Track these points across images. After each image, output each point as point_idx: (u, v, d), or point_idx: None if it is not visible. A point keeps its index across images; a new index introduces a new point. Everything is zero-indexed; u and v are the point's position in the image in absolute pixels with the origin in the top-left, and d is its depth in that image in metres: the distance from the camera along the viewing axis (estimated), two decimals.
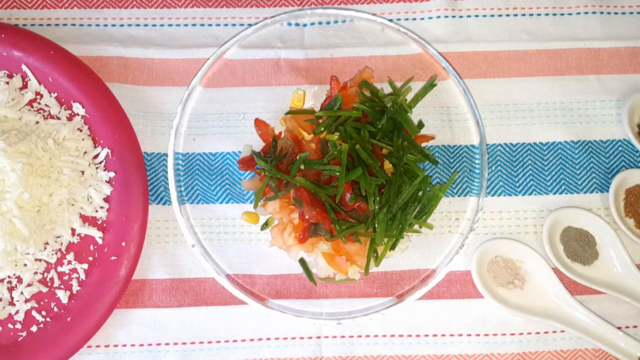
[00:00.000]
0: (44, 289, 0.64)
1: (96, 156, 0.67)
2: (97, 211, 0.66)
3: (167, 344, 0.65)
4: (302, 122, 0.66)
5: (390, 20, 0.68)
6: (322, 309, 0.64)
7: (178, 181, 0.65)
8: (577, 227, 0.67)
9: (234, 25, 0.72)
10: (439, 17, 0.73)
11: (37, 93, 0.68)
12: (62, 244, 0.65)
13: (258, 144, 0.68)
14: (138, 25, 0.72)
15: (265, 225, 0.66)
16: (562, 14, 0.74)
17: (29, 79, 0.68)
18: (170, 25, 0.72)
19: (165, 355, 0.65)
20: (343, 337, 0.66)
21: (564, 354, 0.66)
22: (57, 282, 0.65)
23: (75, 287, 0.64)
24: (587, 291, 0.66)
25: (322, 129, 0.64)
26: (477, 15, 0.73)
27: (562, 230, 0.68)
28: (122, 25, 0.72)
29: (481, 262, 0.67)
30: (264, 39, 0.69)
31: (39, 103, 0.68)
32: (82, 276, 0.64)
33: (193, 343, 0.65)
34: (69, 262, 0.65)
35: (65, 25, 0.72)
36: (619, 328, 0.65)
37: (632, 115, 0.70)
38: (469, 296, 0.67)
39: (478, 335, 0.66)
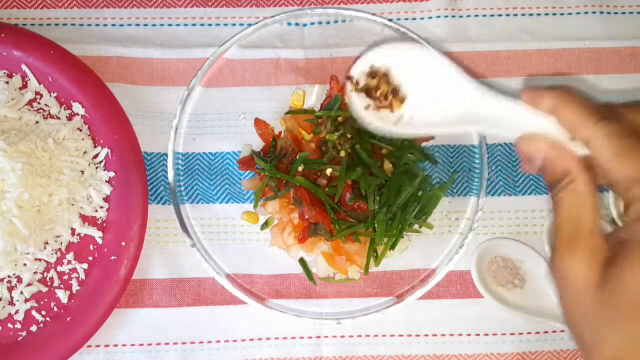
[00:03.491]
0: (44, 289, 0.64)
1: (96, 156, 0.67)
2: (97, 211, 0.66)
3: (167, 344, 0.65)
4: (302, 122, 0.67)
5: (390, 20, 0.68)
6: (322, 309, 0.64)
7: (178, 181, 0.65)
8: None
9: (234, 25, 0.72)
10: (439, 17, 0.73)
11: (37, 93, 0.68)
12: (62, 244, 0.65)
13: (258, 144, 0.68)
14: (138, 25, 0.72)
15: (265, 225, 0.66)
16: (562, 14, 0.73)
17: (29, 79, 0.68)
18: (170, 25, 0.72)
19: (165, 355, 0.65)
20: (343, 337, 0.66)
21: (564, 354, 0.66)
22: (57, 282, 0.65)
23: (75, 287, 0.64)
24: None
25: (322, 128, 0.64)
26: (477, 15, 0.73)
27: None
28: (122, 25, 0.72)
29: (481, 262, 0.67)
30: (264, 39, 0.69)
31: (39, 103, 0.68)
32: (82, 276, 0.64)
33: (193, 343, 0.65)
34: (69, 262, 0.65)
35: (65, 25, 0.71)
36: None
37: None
38: (469, 296, 0.67)
39: (478, 335, 0.66)
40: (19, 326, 0.63)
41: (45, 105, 0.68)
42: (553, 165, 0.43)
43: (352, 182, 0.61)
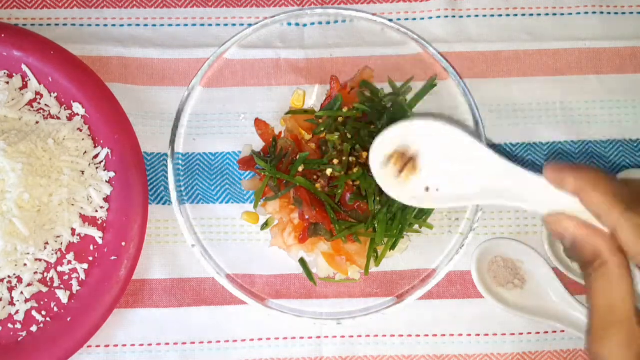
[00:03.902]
0: (44, 289, 0.64)
1: (96, 156, 0.67)
2: (97, 211, 0.66)
3: (167, 344, 0.65)
4: (302, 122, 0.66)
5: (390, 20, 0.68)
6: (322, 309, 0.64)
7: (178, 181, 0.65)
8: None
9: (234, 25, 0.72)
10: (439, 17, 0.73)
11: (37, 93, 0.68)
12: (62, 244, 0.65)
13: (258, 144, 0.68)
14: (138, 25, 0.72)
15: (265, 225, 0.66)
16: (562, 14, 0.73)
17: (29, 79, 0.68)
18: (170, 25, 0.72)
19: (165, 355, 0.65)
20: (343, 337, 0.66)
21: (564, 354, 0.66)
22: (57, 282, 0.65)
23: (75, 287, 0.64)
24: (587, 291, 0.66)
25: (322, 129, 0.64)
26: (477, 15, 0.73)
27: None
28: (122, 25, 0.72)
29: (481, 262, 0.67)
30: (264, 39, 0.69)
31: (39, 103, 0.68)
32: (82, 276, 0.64)
33: (193, 343, 0.65)
34: (69, 262, 0.65)
35: (65, 25, 0.71)
36: None
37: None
38: (469, 296, 0.67)
39: (478, 335, 0.66)
40: (19, 326, 0.63)
41: (45, 105, 0.68)
42: (583, 245, 0.41)
43: (352, 182, 0.61)
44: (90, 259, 0.65)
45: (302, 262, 0.65)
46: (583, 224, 0.42)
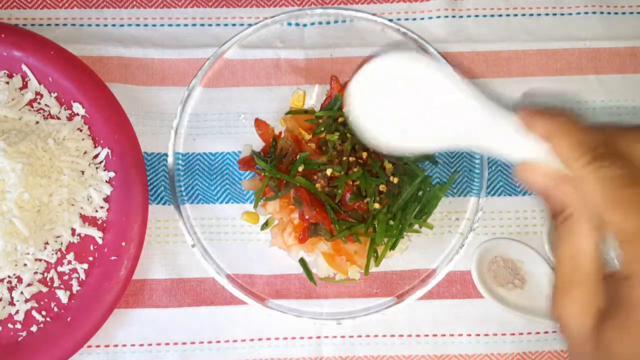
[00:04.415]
0: (44, 289, 0.64)
1: (96, 156, 0.67)
2: (97, 211, 0.66)
3: (167, 344, 0.65)
4: (302, 122, 0.67)
5: (390, 20, 0.68)
6: (322, 309, 0.64)
7: (178, 181, 0.65)
8: None
9: (234, 25, 0.72)
10: (439, 17, 0.73)
11: (37, 93, 0.68)
12: (62, 244, 0.65)
13: (258, 144, 0.68)
14: (138, 25, 0.72)
15: (265, 225, 0.66)
16: (562, 14, 0.73)
17: (29, 79, 0.68)
18: (170, 25, 0.72)
19: (165, 355, 0.65)
20: (343, 337, 0.66)
21: (564, 354, 0.66)
22: (57, 282, 0.65)
23: (75, 287, 0.64)
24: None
25: (322, 129, 0.64)
26: (477, 15, 0.73)
27: None
28: (122, 25, 0.72)
29: (481, 262, 0.67)
30: (264, 39, 0.69)
31: (39, 103, 0.68)
32: (82, 276, 0.64)
33: (193, 343, 0.65)
34: (69, 262, 0.65)
35: (65, 25, 0.71)
36: None
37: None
38: (469, 296, 0.67)
39: (478, 335, 0.66)
40: (19, 326, 0.63)
41: (45, 105, 0.68)
42: (552, 196, 0.39)
43: (352, 182, 0.61)
44: (90, 259, 0.65)
45: (302, 262, 0.65)
46: (553, 174, 0.39)
